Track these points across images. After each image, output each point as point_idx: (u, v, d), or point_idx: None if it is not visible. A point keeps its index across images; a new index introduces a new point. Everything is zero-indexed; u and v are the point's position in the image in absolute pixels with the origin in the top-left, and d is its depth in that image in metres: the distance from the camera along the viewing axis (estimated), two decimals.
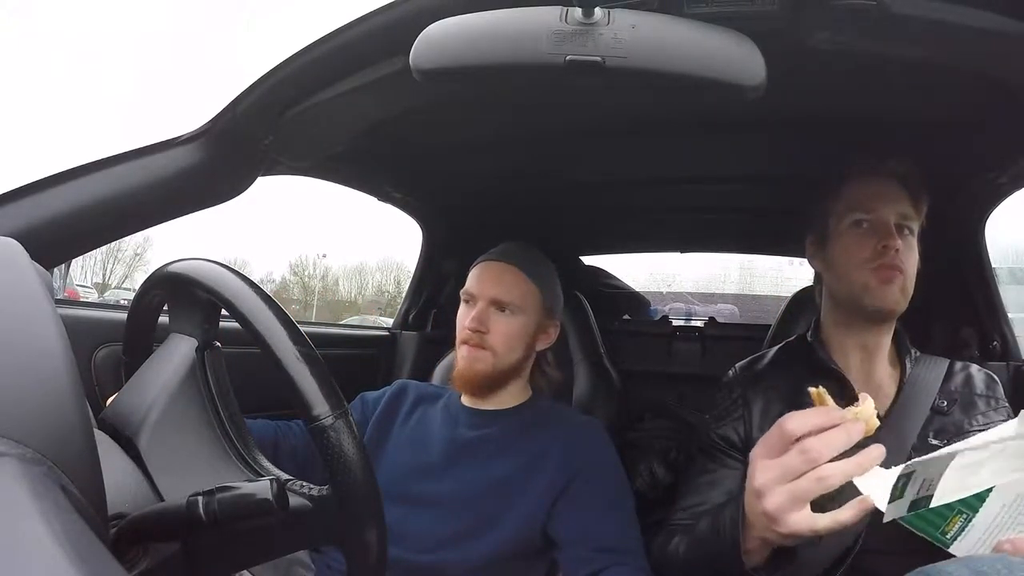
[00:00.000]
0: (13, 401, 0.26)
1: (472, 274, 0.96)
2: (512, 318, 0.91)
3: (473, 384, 0.91)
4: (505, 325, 0.91)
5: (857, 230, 0.79)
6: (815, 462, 0.51)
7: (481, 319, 0.90)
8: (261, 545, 0.46)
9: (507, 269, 0.93)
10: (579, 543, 0.82)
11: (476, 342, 0.90)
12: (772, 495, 0.52)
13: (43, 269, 0.37)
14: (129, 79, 41.54)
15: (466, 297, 0.94)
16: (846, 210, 0.81)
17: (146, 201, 0.70)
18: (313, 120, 0.74)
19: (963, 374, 0.80)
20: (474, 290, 0.93)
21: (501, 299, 0.91)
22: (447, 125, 1.01)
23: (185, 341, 0.57)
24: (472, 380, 0.90)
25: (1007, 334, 1.11)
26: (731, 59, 0.47)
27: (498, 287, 0.91)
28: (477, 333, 0.89)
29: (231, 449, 0.54)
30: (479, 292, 0.92)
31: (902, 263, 0.76)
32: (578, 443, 0.89)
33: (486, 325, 0.90)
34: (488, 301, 0.91)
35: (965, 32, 0.55)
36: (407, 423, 0.96)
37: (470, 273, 0.96)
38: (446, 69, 0.49)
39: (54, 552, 0.20)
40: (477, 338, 0.90)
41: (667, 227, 1.68)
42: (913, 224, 0.79)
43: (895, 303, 0.76)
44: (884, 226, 0.77)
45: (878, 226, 0.78)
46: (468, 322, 0.90)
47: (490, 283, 0.92)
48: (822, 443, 0.51)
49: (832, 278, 0.83)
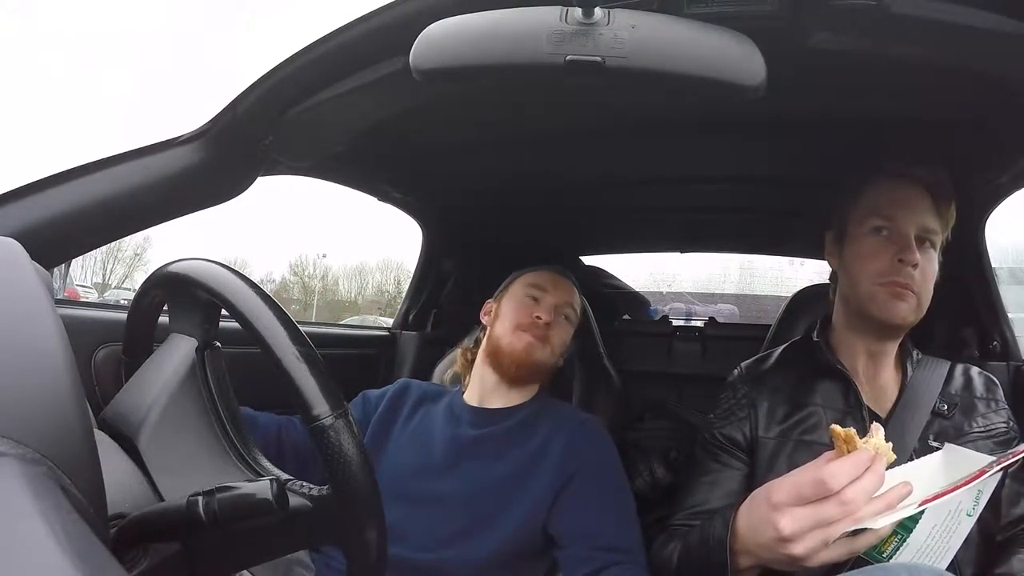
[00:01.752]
0: (13, 401, 0.26)
1: (540, 277, 1.01)
2: (569, 327, 1.00)
3: (524, 369, 0.94)
4: (564, 331, 0.99)
5: (875, 237, 0.76)
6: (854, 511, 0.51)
7: (552, 314, 0.96)
8: (261, 545, 0.46)
9: (571, 284, 1.03)
10: (579, 541, 0.82)
11: (542, 334, 0.95)
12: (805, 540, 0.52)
13: (43, 269, 0.36)
14: (129, 79, 41.56)
15: (535, 293, 0.98)
16: (866, 214, 0.78)
17: (146, 201, 0.70)
18: (313, 120, 0.74)
19: (963, 377, 0.80)
20: (549, 287, 0.99)
21: (572, 305, 1.00)
22: (447, 125, 1.01)
23: (185, 341, 0.57)
24: (526, 365, 0.94)
25: (1007, 334, 1.11)
26: (731, 59, 0.47)
27: (567, 294, 1.00)
28: (546, 327, 0.95)
29: (231, 449, 0.54)
30: (553, 291, 0.98)
31: (917, 282, 0.73)
32: (578, 441, 0.90)
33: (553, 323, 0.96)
34: (558, 302, 0.98)
35: (965, 32, 0.55)
36: (409, 422, 0.96)
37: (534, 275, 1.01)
38: (446, 69, 0.49)
39: (54, 552, 0.20)
40: (544, 331, 0.95)
41: (667, 227, 1.68)
42: (936, 237, 0.77)
43: (903, 319, 0.74)
44: (903, 238, 0.74)
45: (897, 237, 0.75)
46: (544, 314, 0.95)
47: (564, 289, 1.00)
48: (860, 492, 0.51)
49: (845, 281, 0.81)
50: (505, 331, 0.95)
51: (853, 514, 0.51)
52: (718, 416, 0.84)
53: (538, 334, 0.94)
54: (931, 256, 0.76)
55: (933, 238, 0.77)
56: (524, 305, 0.97)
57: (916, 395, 0.76)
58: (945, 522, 0.54)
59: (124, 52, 46.02)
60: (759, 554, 0.57)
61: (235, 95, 0.71)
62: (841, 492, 0.51)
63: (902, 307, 0.73)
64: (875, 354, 0.79)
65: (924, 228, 0.76)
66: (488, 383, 0.96)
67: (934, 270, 0.76)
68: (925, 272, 0.75)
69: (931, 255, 0.76)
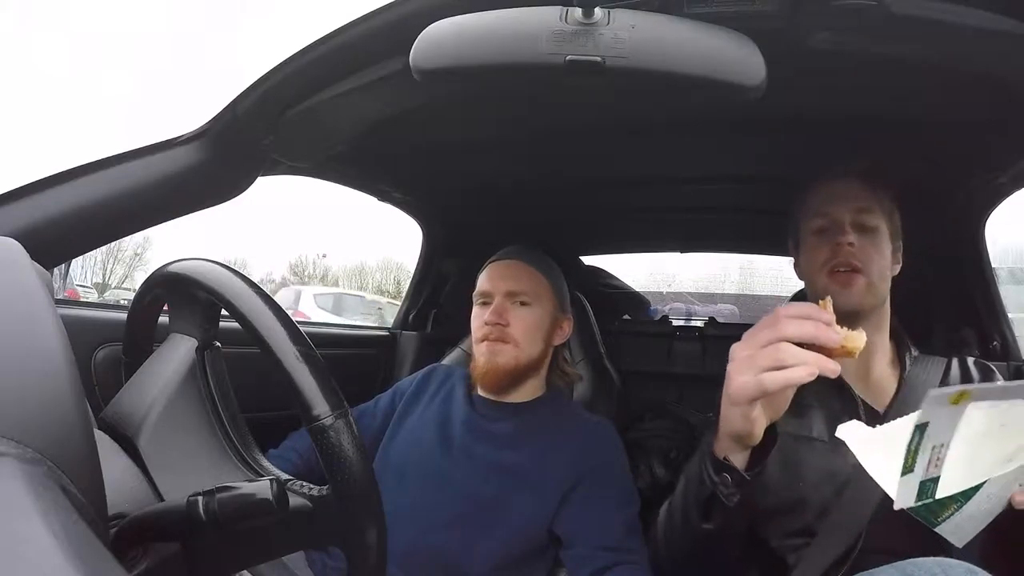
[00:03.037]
0: (13, 401, 0.26)
1: (482, 277, 0.97)
2: (529, 310, 0.94)
3: (496, 380, 0.92)
4: (523, 317, 0.93)
5: (816, 235, 0.81)
6: (779, 337, 0.51)
7: (500, 312, 0.92)
8: (261, 545, 0.46)
9: (517, 265, 0.96)
10: (585, 541, 0.82)
11: (497, 335, 0.91)
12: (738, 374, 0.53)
13: (43, 269, 0.36)
14: (129, 79, 41.56)
15: (481, 299, 0.96)
16: (808, 216, 0.82)
17: (146, 201, 0.70)
18: (313, 120, 0.74)
19: (960, 369, 0.81)
20: (488, 288, 0.95)
21: (516, 290, 0.93)
22: (447, 125, 1.01)
23: (185, 341, 0.57)
24: (495, 375, 0.92)
25: (1007, 334, 1.11)
26: (731, 59, 0.47)
27: (512, 281, 0.94)
28: (497, 327, 0.91)
29: (231, 449, 0.54)
30: (493, 288, 0.94)
31: (860, 260, 0.76)
32: (590, 443, 0.90)
33: (505, 318, 0.92)
34: (504, 295, 0.93)
35: (965, 32, 0.55)
36: (432, 403, 0.98)
37: (480, 278, 0.98)
38: (446, 69, 0.49)
39: (54, 552, 0.20)
40: (498, 331, 0.91)
41: (667, 227, 1.67)
42: (875, 219, 0.79)
43: (859, 304, 0.76)
44: (838, 225, 0.78)
45: (833, 227, 0.79)
46: (487, 316, 0.92)
47: (503, 279, 0.94)
48: (793, 324, 0.51)
49: (805, 284, 0.85)
50: (474, 345, 0.95)
51: (779, 339, 0.51)
52: (715, 416, 0.84)
53: (493, 338, 0.91)
54: (875, 238, 0.78)
55: (871, 220, 0.79)
56: (476, 316, 0.96)
57: (914, 390, 0.77)
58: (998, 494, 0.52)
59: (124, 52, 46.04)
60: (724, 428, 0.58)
61: (235, 95, 0.71)
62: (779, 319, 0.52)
63: (852, 292, 0.75)
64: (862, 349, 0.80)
65: (859, 211, 0.79)
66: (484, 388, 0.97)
67: (881, 251, 0.78)
68: (867, 251, 0.77)
69: (874, 238, 0.78)
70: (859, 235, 0.77)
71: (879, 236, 0.79)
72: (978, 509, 0.52)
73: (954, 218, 1.11)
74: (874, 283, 0.76)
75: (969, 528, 0.53)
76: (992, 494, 0.52)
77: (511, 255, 0.99)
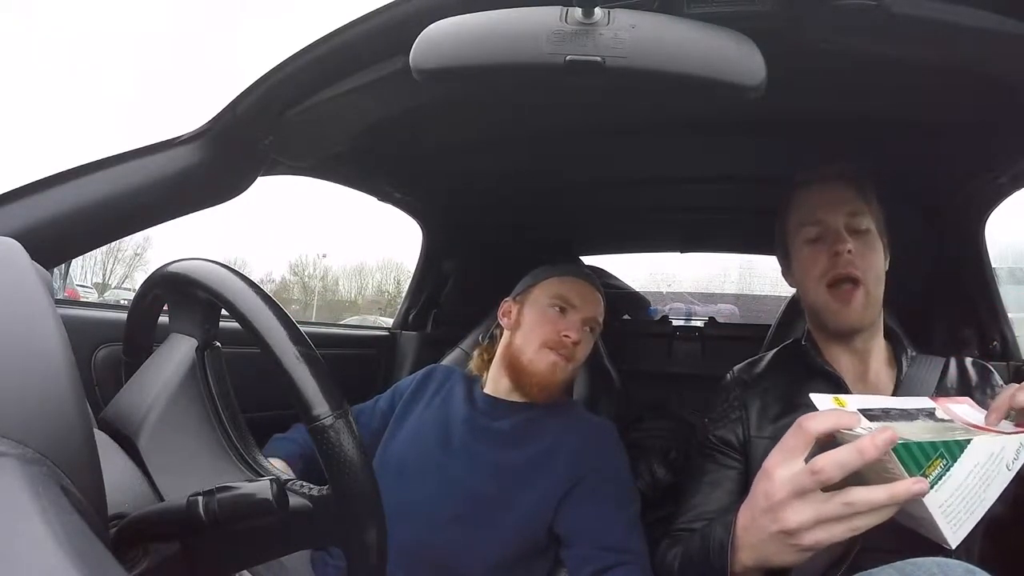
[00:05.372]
0: (13, 401, 0.26)
1: (570, 285, 0.96)
2: (594, 337, 0.97)
3: (547, 391, 0.93)
4: (588, 342, 0.96)
5: (811, 245, 0.79)
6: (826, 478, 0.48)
7: (580, 332, 0.93)
8: (261, 545, 0.46)
9: (600, 296, 0.98)
10: (585, 541, 0.82)
11: (568, 353, 0.92)
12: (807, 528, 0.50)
13: (43, 269, 0.36)
14: (129, 79, 41.58)
15: (563, 305, 0.94)
16: (797, 226, 0.81)
17: (146, 201, 0.70)
18: (313, 120, 0.74)
19: (958, 369, 0.81)
20: (578, 303, 0.95)
21: (597, 319, 0.96)
22: (447, 125, 1.01)
23: (185, 341, 0.57)
24: (550, 387, 0.92)
25: (1007, 334, 1.11)
26: (731, 59, 0.47)
27: (597, 308, 0.97)
28: (574, 345, 0.92)
29: (231, 449, 0.54)
30: (582, 306, 0.95)
31: (859, 267, 0.75)
32: (590, 444, 0.90)
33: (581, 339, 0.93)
34: (586, 317, 0.94)
35: (965, 32, 0.55)
36: (432, 402, 0.98)
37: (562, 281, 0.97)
38: (446, 69, 0.49)
39: (54, 552, 0.20)
40: (572, 350, 0.92)
41: (667, 227, 1.68)
42: (866, 220, 0.78)
43: (858, 321, 0.76)
44: (833, 232, 0.77)
45: (827, 235, 0.78)
46: (572, 332, 0.92)
47: (592, 303, 0.96)
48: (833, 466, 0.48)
49: (801, 294, 0.84)
50: (528, 345, 0.93)
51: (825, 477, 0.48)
52: (712, 419, 0.85)
53: (564, 353, 0.91)
54: (868, 240, 0.78)
55: (864, 223, 0.78)
56: (549, 319, 0.93)
57: (911, 391, 0.77)
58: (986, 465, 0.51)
59: (124, 53, 46.03)
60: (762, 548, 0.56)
61: (235, 95, 0.71)
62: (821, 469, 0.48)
63: (851, 309, 0.75)
64: (858, 351, 0.80)
65: (851, 215, 0.78)
66: (503, 387, 0.97)
67: (876, 253, 0.78)
68: (865, 256, 0.76)
69: (868, 239, 0.78)
70: (854, 240, 0.76)
71: (872, 237, 0.79)
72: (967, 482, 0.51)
73: (954, 218, 1.11)
74: (871, 293, 0.76)
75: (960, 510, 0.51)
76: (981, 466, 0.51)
77: (593, 282, 0.99)
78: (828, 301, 0.76)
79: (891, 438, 0.47)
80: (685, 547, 0.71)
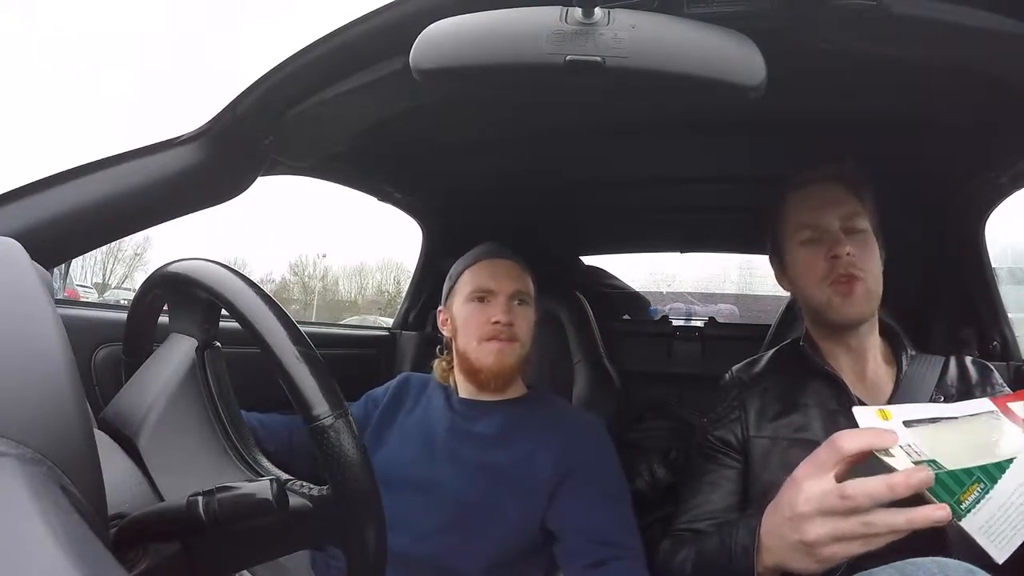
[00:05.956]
0: (13, 401, 0.26)
1: (479, 274, 0.96)
2: (529, 309, 0.96)
3: (502, 378, 0.92)
4: (526, 316, 0.95)
5: (807, 247, 0.79)
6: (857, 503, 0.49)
7: (509, 311, 0.92)
8: (261, 545, 0.46)
9: (514, 265, 0.97)
10: (577, 535, 0.82)
11: (508, 335, 0.92)
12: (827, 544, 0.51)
13: (43, 269, 0.36)
14: (129, 79, 41.60)
15: (481, 295, 0.95)
16: (792, 228, 0.81)
17: (146, 201, 0.70)
18: (313, 120, 0.74)
19: (958, 368, 0.80)
20: (492, 286, 0.94)
21: (521, 290, 0.95)
22: (447, 125, 1.01)
23: (185, 341, 0.57)
24: (503, 375, 0.92)
25: (1007, 334, 1.11)
26: (731, 59, 0.47)
27: (517, 281, 0.95)
28: (508, 327, 0.91)
29: (231, 449, 0.54)
30: (499, 287, 0.94)
31: (859, 267, 0.75)
32: (577, 440, 0.90)
33: (512, 318, 0.92)
34: (509, 295, 0.94)
35: (965, 32, 0.55)
36: (412, 413, 0.97)
37: (472, 272, 0.97)
38: (446, 69, 0.49)
39: (54, 552, 0.20)
40: (508, 331, 0.92)
41: (667, 227, 1.68)
42: (862, 219, 0.78)
43: (860, 313, 0.76)
44: (831, 235, 0.77)
45: (824, 237, 0.78)
46: (500, 316, 0.91)
47: (508, 279, 0.95)
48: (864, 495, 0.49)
49: (799, 296, 0.84)
50: (469, 344, 0.93)
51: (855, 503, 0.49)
52: (711, 420, 0.85)
53: (503, 337, 0.91)
54: (864, 239, 0.78)
55: (860, 223, 0.78)
56: (474, 313, 0.94)
57: (911, 389, 0.77)
58: None
59: (124, 53, 46.04)
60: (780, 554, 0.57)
61: (235, 95, 0.71)
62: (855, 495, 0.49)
63: (853, 300, 0.75)
64: (856, 349, 0.80)
65: (847, 216, 0.78)
66: (470, 389, 0.96)
67: (873, 252, 0.78)
68: (863, 255, 0.76)
69: (864, 239, 0.78)
70: (851, 240, 0.76)
71: (868, 236, 0.79)
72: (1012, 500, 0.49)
73: (954, 218, 1.11)
74: (871, 289, 0.76)
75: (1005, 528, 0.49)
76: None
77: (503, 253, 0.98)
78: (830, 296, 0.76)
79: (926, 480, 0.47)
80: (698, 549, 0.71)
